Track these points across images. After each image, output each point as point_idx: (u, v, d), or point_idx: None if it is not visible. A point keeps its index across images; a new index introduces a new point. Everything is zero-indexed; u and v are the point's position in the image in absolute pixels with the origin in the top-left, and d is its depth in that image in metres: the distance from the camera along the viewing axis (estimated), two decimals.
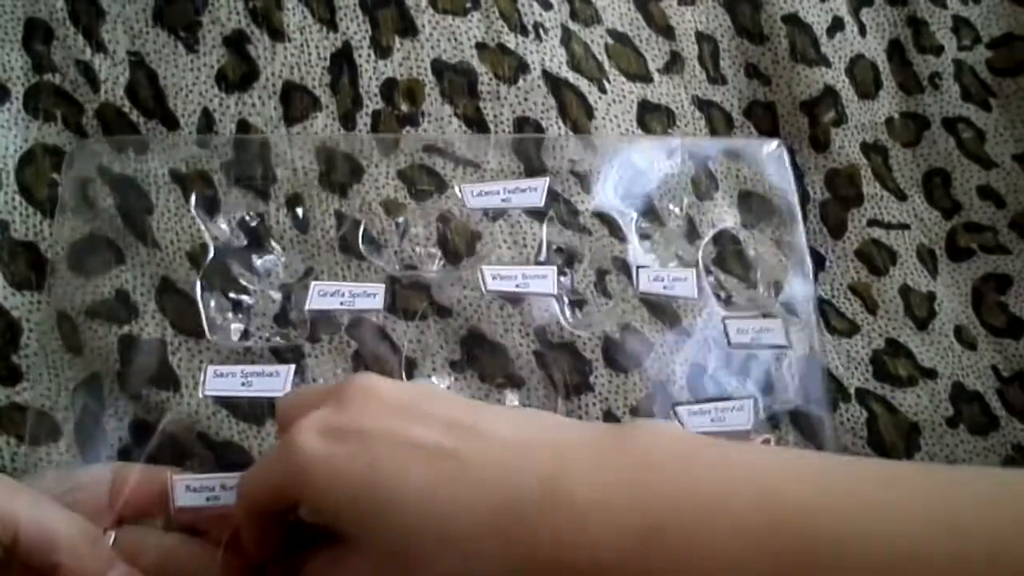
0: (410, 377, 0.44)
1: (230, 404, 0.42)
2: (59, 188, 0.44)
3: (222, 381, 0.41)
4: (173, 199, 0.45)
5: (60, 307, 0.42)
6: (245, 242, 0.45)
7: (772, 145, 0.51)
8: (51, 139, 0.45)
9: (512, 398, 0.44)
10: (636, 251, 0.47)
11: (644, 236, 0.48)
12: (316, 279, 0.45)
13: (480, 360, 0.45)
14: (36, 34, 0.46)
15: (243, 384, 0.41)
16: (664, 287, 0.47)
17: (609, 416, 0.45)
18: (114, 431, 0.41)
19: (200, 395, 0.41)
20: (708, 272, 0.48)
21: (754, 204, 0.50)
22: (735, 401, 0.45)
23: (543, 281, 0.45)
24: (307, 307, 0.43)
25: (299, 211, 0.46)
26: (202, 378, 0.41)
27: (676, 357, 0.46)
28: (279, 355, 0.43)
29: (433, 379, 0.44)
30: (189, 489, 0.36)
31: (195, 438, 0.41)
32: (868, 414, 0.48)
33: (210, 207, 0.45)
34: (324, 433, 0.29)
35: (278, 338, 0.43)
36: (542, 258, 0.46)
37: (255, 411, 0.42)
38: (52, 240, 0.43)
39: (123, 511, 0.36)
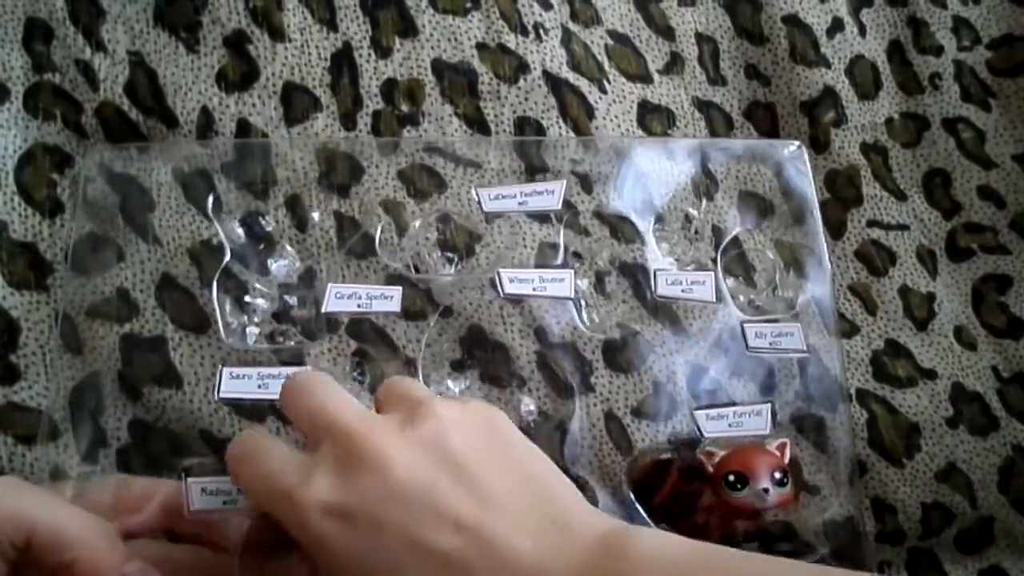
0: (411, 375, 0.44)
1: (233, 402, 0.42)
2: (58, 189, 0.44)
3: (238, 383, 0.41)
4: (174, 196, 0.45)
5: (63, 307, 0.42)
6: (255, 243, 0.45)
7: (792, 147, 0.50)
8: (50, 138, 0.45)
9: (528, 402, 0.44)
10: (653, 254, 0.47)
11: (660, 240, 0.48)
12: (317, 279, 0.44)
13: (480, 359, 0.45)
14: (36, 34, 0.46)
15: (259, 386, 0.41)
16: (683, 290, 0.46)
17: (610, 416, 0.45)
18: (114, 431, 0.41)
19: (215, 397, 0.41)
20: (727, 276, 0.48)
21: (768, 207, 0.50)
22: (753, 406, 0.44)
23: (560, 284, 0.45)
24: (324, 309, 0.43)
25: (299, 212, 0.46)
26: (217, 380, 0.41)
27: (677, 358, 0.46)
28: (279, 354, 0.43)
29: (449, 383, 0.44)
30: (205, 492, 0.35)
31: (197, 435, 0.41)
32: (868, 415, 0.48)
33: (217, 208, 0.45)
34: (333, 513, 0.30)
35: (285, 339, 0.43)
36: (558, 261, 0.46)
37: (257, 409, 0.42)
38: (51, 241, 0.43)
39: (127, 525, 0.35)
